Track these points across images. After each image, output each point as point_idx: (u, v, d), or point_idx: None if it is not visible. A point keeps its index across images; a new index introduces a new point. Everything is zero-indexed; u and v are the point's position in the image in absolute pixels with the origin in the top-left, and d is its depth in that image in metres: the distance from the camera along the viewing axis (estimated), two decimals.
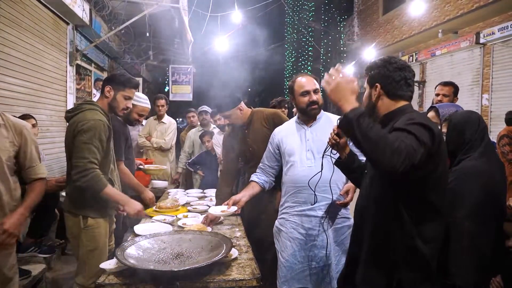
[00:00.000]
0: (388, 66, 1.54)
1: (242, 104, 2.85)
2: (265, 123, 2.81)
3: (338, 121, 1.80)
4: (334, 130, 1.82)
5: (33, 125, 3.61)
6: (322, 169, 2.04)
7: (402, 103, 1.55)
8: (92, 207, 2.20)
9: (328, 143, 1.85)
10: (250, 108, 2.94)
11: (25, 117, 3.51)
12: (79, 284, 2.20)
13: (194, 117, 5.38)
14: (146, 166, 3.77)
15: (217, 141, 4.34)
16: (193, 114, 5.40)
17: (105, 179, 2.15)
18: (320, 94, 2.39)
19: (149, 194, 2.85)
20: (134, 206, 2.22)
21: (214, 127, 4.94)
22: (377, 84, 1.56)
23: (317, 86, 2.39)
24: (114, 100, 2.32)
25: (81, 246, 2.19)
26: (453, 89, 3.27)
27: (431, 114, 2.34)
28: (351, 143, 2.21)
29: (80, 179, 2.06)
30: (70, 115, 2.27)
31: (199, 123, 5.08)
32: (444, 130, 1.96)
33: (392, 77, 1.53)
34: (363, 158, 1.78)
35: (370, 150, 1.28)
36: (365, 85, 1.65)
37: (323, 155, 1.87)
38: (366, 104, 1.64)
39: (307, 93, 2.34)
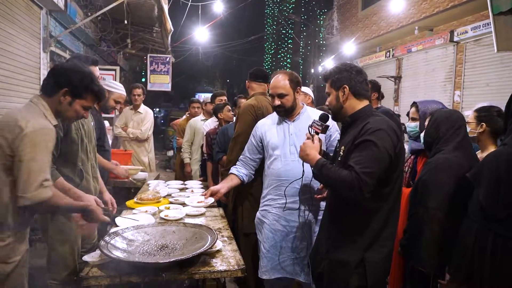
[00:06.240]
0: (351, 70, 1.75)
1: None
2: None
3: (309, 127, 1.92)
4: (308, 137, 1.89)
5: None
6: (303, 174, 2.10)
7: (365, 102, 1.76)
8: None
9: None
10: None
11: None
12: (53, 279, 2.14)
13: (199, 108, 5.30)
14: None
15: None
16: (198, 105, 5.36)
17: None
18: (289, 96, 2.34)
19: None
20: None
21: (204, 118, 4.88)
22: (345, 86, 1.73)
23: (284, 90, 2.33)
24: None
25: (49, 240, 2.16)
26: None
27: (412, 110, 2.46)
28: (324, 145, 2.28)
29: None
30: None
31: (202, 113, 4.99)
32: (427, 123, 2.09)
33: (356, 79, 1.74)
34: None
35: (335, 190, 1.74)
36: (328, 89, 1.79)
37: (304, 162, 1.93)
38: (334, 106, 1.78)
39: (272, 96, 2.40)
